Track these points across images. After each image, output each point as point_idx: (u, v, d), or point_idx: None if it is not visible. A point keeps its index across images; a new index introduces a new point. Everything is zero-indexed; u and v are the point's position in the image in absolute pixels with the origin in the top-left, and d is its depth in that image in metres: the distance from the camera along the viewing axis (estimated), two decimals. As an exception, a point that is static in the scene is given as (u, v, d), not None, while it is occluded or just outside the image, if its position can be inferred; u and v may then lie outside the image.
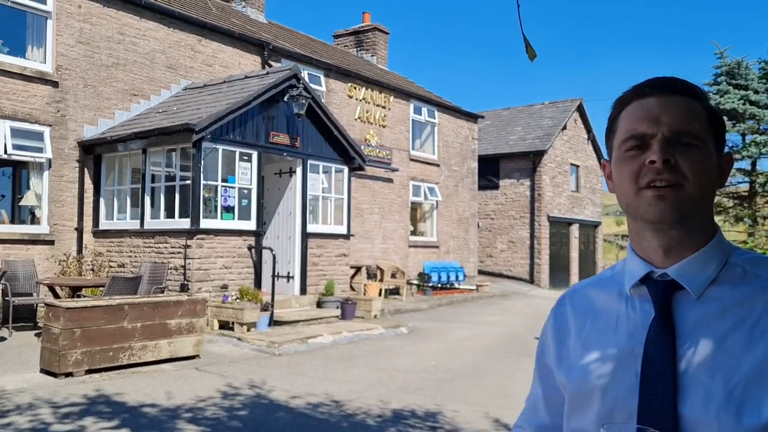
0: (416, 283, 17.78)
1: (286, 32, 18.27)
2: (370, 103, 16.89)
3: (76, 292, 9.12)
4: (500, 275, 23.48)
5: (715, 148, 1.05)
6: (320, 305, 12.13)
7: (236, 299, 10.38)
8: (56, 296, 9.20)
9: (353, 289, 15.06)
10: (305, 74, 13.95)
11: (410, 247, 18.12)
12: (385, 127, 17.31)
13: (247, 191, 11.19)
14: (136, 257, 10.94)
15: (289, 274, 12.19)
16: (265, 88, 11.15)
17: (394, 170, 17.31)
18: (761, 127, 20.87)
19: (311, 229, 12.44)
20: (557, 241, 24.09)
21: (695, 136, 1.02)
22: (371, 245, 16.61)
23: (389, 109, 17.55)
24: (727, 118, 20.83)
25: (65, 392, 6.19)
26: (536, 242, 23.10)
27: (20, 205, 11.32)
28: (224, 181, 10.88)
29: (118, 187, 11.67)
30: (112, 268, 11.14)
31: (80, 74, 11.33)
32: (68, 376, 6.80)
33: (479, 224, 22.82)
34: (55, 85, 10.98)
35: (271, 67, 13.72)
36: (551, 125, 24.06)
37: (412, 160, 18.27)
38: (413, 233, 18.70)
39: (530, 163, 23.21)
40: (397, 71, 21.96)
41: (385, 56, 21.59)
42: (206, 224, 10.45)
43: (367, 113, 16.73)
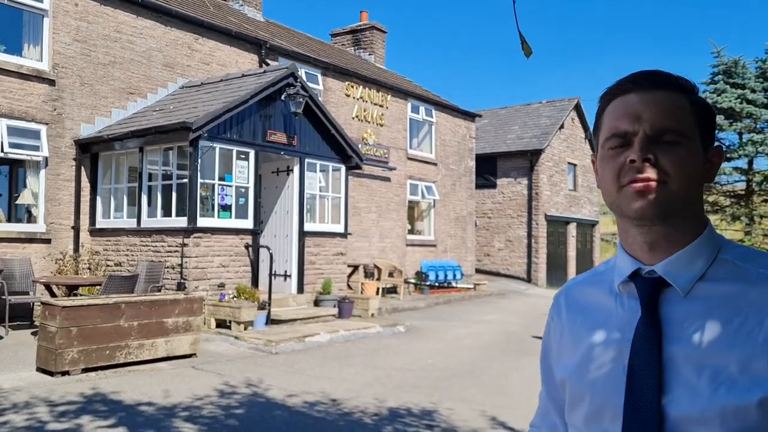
0: (414, 281, 17.79)
1: (283, 31, 18.25)
2: (367, 101, 16.89)
3: (72, 290, 9.12)
4: (498, 274, 23.50)
5: (702, 141, 1.04)
6: (317, 304, 12.13)
7: (233, 298, 10.37)
8: (53, 295, 9.19)
9: (350, 287, 15.06)
10: (302, 73, 13.95)
11: (408, 245, 18.12)
12: (382, 125, 17.31)
13: (244, 190, 11.18)
14: (133, 256, 10.92)
15: (286, 272, 12.18)
16: (262, 86, 11.14)
17: (391, 169, 17.31)
18: (758, 125, 20.89)
19: (308, 227, 12.44)
20: (555, 240, 24.11)
21: (678, 132, 1.00)
22: (369, 244, 16.61)
23: (387, 107, 17.55)
24: (724, 117, 20.85)
25: (62, 391, 6.18)
26: (534, 241, 23.12)
27: (17, 203, 11.29)
28: (221, 179, 10.88)
29: (114, 185, 11.65)
30: (108, 266, 11.13)
31: (77, 72, 11.30)
32: (65, 374, 6.79)
33: (477, 223, 22.83)
34: (51, 83, 10.96)
35: (268, 65, 13.71)
36: (549, 124, 24.08)
37: (409, 158, 18.27)
38: (411, 232, 18.70)
39: (528, 161, 23.23)
40: (394, 70, 21.96)
41: (382, 55, 21.59)
42: (203, 223, 10.44)
43: (364, 112, 16.73)
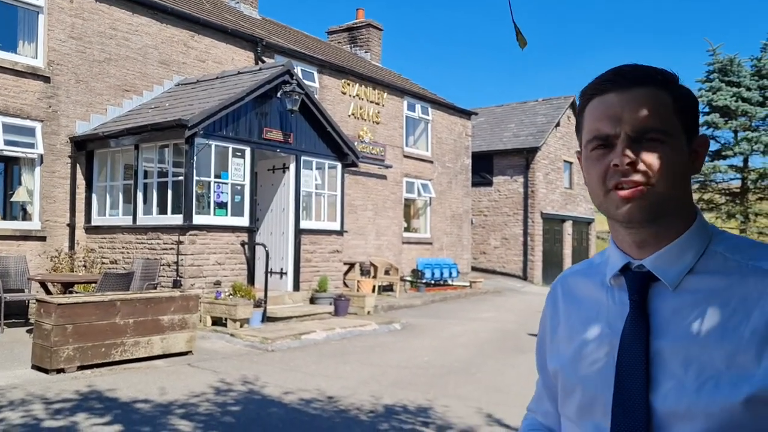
0: (410, 279, 17.79)
1: (279, 28, 18.23)
2: (363, 99, 16.88)
3: (67, 288, 9.09)
4: (493, 272, 23.53)
5: (685, 134, 1.02)
6: (313, 301, 12.13)
7: (229, 295, 10.37)
8: (48, 292, 9.16)
9: (346, 285, 15.06)
10: (299, 70, 13.93)
11: (404, 243, 18.13)
12: (378, 123, 17.30)
13: (240, 187, 11.17)
14: (128, 253, 10.90)
15: (282, 270, 12.18)
16: (258, 84, 11.12)
17: (387, 167, 17.31)
18: (753, 123, 20.95)
19: (304, 225, 12.44)
20: (550, 237, 24.15)
21: (660, 130, 0.98)
22: (365, 242, 16.61)
23: (383, 105, 17.54)
24: (719, 115, 20.91)
25: (57, 388, 6.17)
26: (529, 239, 23.15)
27: (12, 201, 11.26)
28: (217, 177, 10.86)
29: (110, 183, 11.62)
30: (104, 264, 11.11)
31: (72, 69, 11.27)
32: (60, 372, 6.78)
33: (473, 221, 22.85)
34: (46, 80, 10.93)
35: (264, 63, 13.69)
36: (545, 122, 24.10)
37: (405, 156, 18.27)
38: (407, 230, 18.70)
39: (524, 159, 23.25)
40: (390, 68, 21.96)
41: (378, 53, 21.59)
42: (199, 220, 10.43)
43: (360, 110, 16.72)
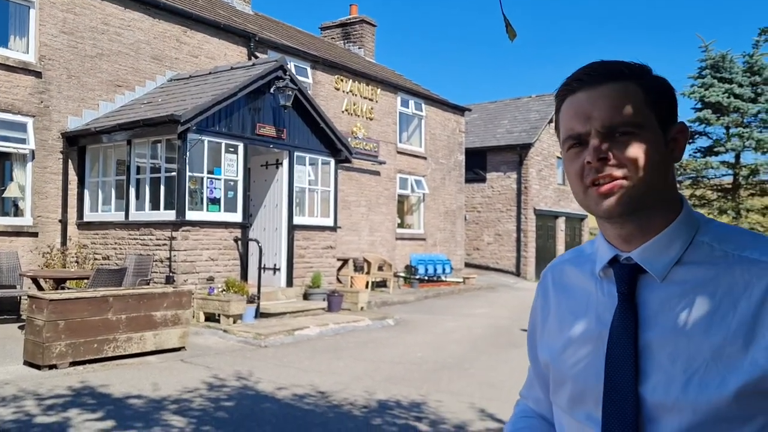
0: (403, 275, 17.81)
1: (272, 24, 18.18)
2: (357, 95, 16.85)
3: (60, 284, 9.07)
4: (487, 268, 23.57)
5: (661, 124, 1.02)
6: (307, 297, 12.13)
7: (222, 291, 10.35)
8: (40, 288, 9.13)
9: (340, 281, 15.06)
10: (292, 66, 13.89)
11: (397, 239, 18.14)
12: (372, 119, 17.29)
13: (233, 183, 11.14)
14: (121, 249, 10.87)
15: (275, 266, 12.17)
16: (251, 79, 11.09)
17: (381, 163, 17.30)
18: (745, 120, 21.03)
19: (298, 221, 12.43)
20: (543, 233, 24.20)
21: (631, 123, 0.99)
22: (358, 238, 16.61)
23: (376, 101, 17.53)
24: (711, 111, 20.97)
25: (50, 384, 6.15)
26: (523, 235, 23.20)
27: (3, 196, 11.20)
28: (210, 172, 10.84)
29: (102, 178, 11.58)
30: (96, 260, 11.07)
31: (64, 65, 11.21)
32: (52, 368, 6.75)
33: (466, 217, 22.88)
34: (38, 75, 10.86)
35: (257, 58, 13.65)
36: (538, 118, 24.13)
37: (399, 152, 18.26)
38: (400, 226, 18.72)
39: (517, 156, 23.28)
40: (384, 64, 21.94)
41: (372, 48, 21.56)
42: (192, 216, 10.41)
43: (354, 106, 16.70)
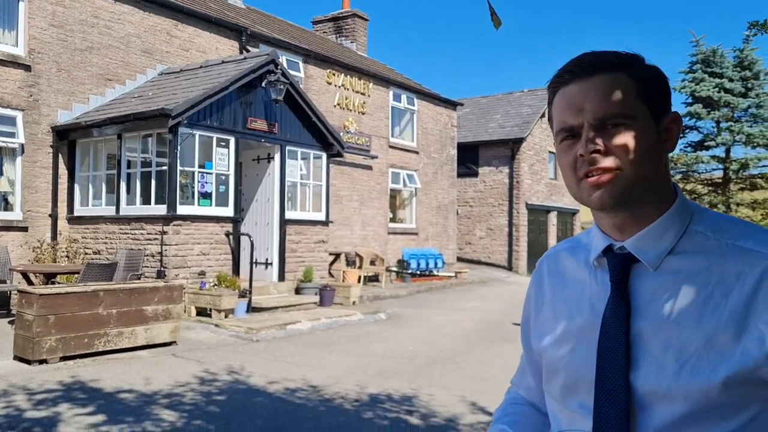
0: (395, 269, 17.82)
1: (264, 17, 18.10)
2: (349, 89, 16.82)
3: (50, 278, 9.02)
4: (479, 262, 23.62)
5: (653, 114, 1.02)
6: (299, 292, 12.11)
7: (214, 286, 10.33)
8: (30, 283, 9.08)
9: (332, 275, 15.06)
10: (283, 60, 13.84)
11: (389, 234, 18.14)
12: (364, 114, 17.26)
13: (224, 177, 11.11)
14: (111, 244, 10.82)
15: (267, 260, 12.15)
16: (242, 73, 11.05)
17: (373, 157, 17.28)
18: (735, 114, 21.12)
19: (290, 215, 12.41)
20: (535, 228, 24.26)
21: (622, 115, 0.99)
22: (350, 232, 16.60)
23: (368, 95, 17.49)
24: (702, 105, 21.05)
25: (40, 379, 6.12)
26: (515, 229, 23.25)
27: (-7, 191, 11.13)
28: (201, 167, 10.79)
29: (93, 173, 11.52)
30: (87, 254, 11.02)
31: (53, 58, 11.13)
32: (42, 363, 6.73)
33: (458, 211, 22.90)
34: (27, 69, 10.78)
35: (248, 52, 13.60)
36: (530, 113, 24.16)
37: (391, 147, 18.25)
38: (392, 220, 18.72)
39: (509, 150, 23.30)
40: (376, 58, 21.90)
41: (364, 43, 21.50)
42: (183, 210, 10.37)
43: (346, 100, 16.66)
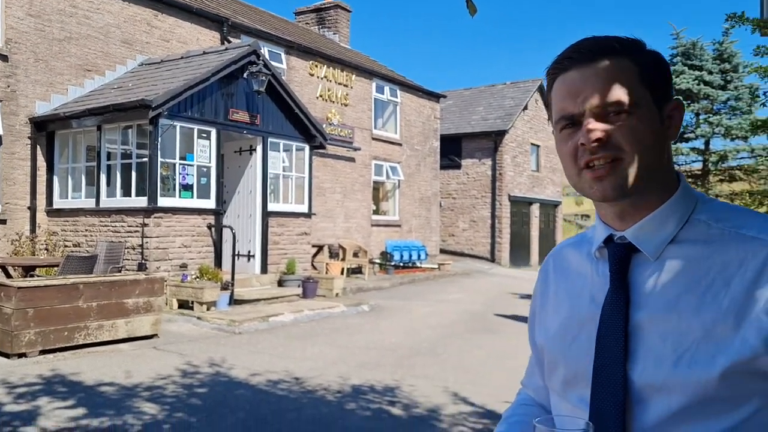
0: (378, 261, 17.83)
1: (245, 8, 17.95)
2: (331, 81, 16.75)
3: (29, 272, 8.93)
4: (462, 254, 23.71)
5: (655, 101, 0.99)
6: (281, 284, 12.09)
7: (196, 278, 10.27)
8: (8, 276, 8.99)
9: (315, 268, 15.04)
10: (265, 51, 13.76)
11: (372, 226, 18.14)
12: (347, 105, 17.21)
13: (206, 169, 11.03)
14: (92, 236, 10.72)
15: (249, 252, 12.10)
16: (224, 64, 10.97)
17: (356, 149, 17.25)
18: (714, 107, 21.34)
19: (272, 207, 12.36)
20: (518, 220, 24.39)
21: (625, 102, 0.96)
22: (333, 224, 16.58)
23: (351, 87, 17.44)
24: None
25: (19, 373, 6.06)
26: (497, 221, 23.36)
27: (-31, 183, 10.98)
28: (182, 158, 10.71)
29: (72, 164, 11.39)
30: (67, 247, 10.91)
31: (31, 48, 10.96)
32: (21, 356, 6.66)
33: (441, 203, 22.95)
34: (4, 59, 10.61)
35: (230, 43, 13.49)
36: (512, 105, 24.24)
37: (374, 139, 18.22)
38: (375, 212, 18.72)
39: (492, 142, 23.38)
40: (359, 49, 21.82)
41: (347, 34, 21.41)
42: (164, 202, 10.29)
43: (328, 91, 16.60)
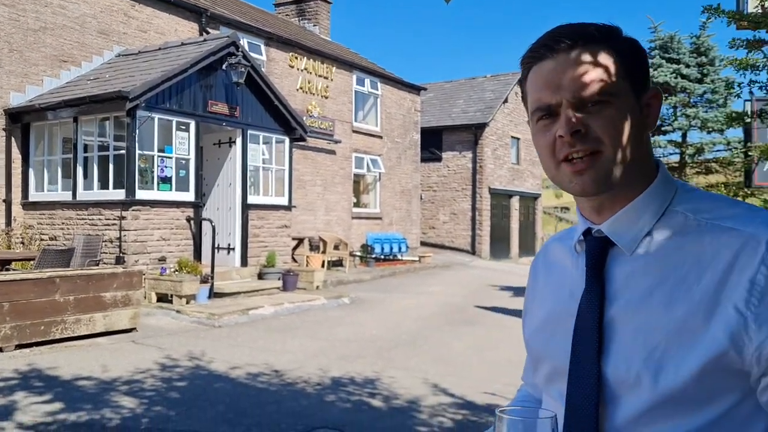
0: (359, 254, 17.84)
1: (224, -1, 17.77)
2: (312, 73, 16.67)
3: (4, 265, 8.81)
4: (442, 246, 23.79)
5: (634, 90, 0.96)
6: (261, 277, 12.05)
7: (174, 271, 10.19)
8: (-17, 270, 8.85)
9: (296, 260, 15.00)
10: (245, 42, 13.65)
11: (353, 218, 18.13)
12: (327, 98, 17.14)
13: (185, 162, 10.94)
14: (68, 229, 10.59)
15: (229, 245, 12.04)
16: (202, 55, 10.86)
17: (336, 142, 17.21)
18: (692, 100, 21.57)
19: (252, 200, 12.30)
20: (498, 212, 24.52)
21: (604, 92, 0.92)
22: (314, 217, 16.54)
23: (331, 80, 17.37)
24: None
25: (-6, 368, 5.99)
26: (477, 214, 23.46)
27: (-58, 175, 10.78)
28: (161, 151, 10.62)
29: (48, 157, 11.23)
30: (43, 240, 10.77)
31: (5, 38, 10.77)
32: (-3, 351, 6.58)
33: (422, 196, 23.00)
34: (-23, 49, 10.43)
35: (209, 34, 13.36)
36: (493, 98, 24.31)
37: (354, 131, 18.18)
38: (356, 205, 18.70)
39: (472, 135, 23.44)
40: (340, 42, 21.74)
41: (327, 26, 21.31)
42: (142, 195, 10.20)
43: (309, 84, 16.52)
